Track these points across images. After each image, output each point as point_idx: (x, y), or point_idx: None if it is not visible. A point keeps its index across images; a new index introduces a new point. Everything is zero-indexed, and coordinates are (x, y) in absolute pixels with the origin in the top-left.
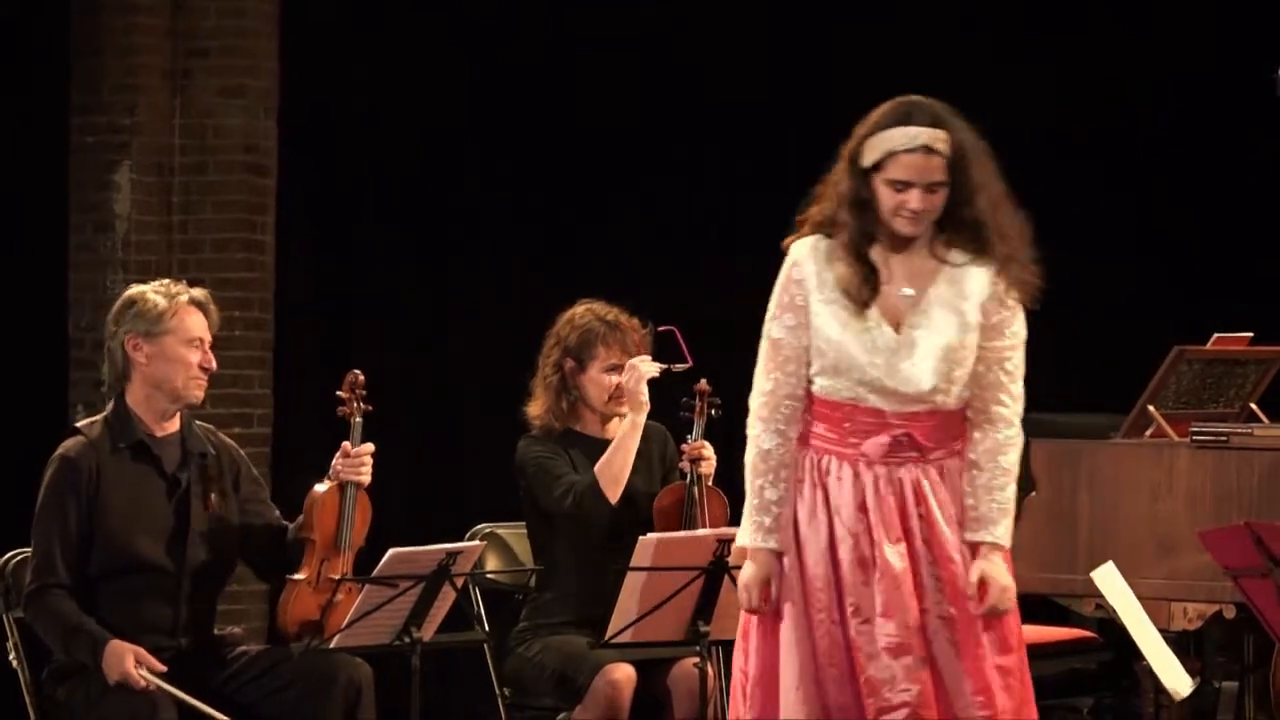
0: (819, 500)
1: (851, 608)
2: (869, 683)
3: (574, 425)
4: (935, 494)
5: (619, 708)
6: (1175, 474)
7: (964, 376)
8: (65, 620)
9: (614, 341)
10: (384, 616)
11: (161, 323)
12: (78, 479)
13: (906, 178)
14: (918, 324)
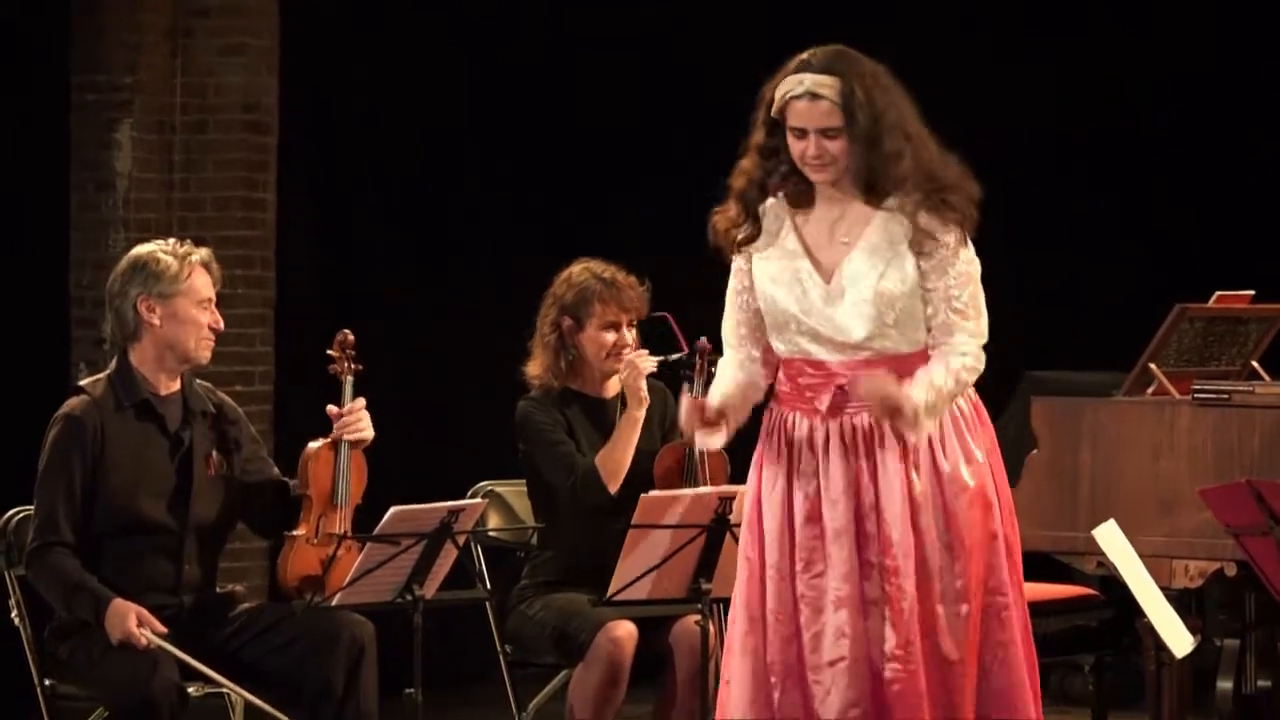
0: (781, 459)
1: (801, 563)
2: (815, 637)
3: (572, 384)
4: (885, 446)
5: (620, 665)
6: (1177, 432)
7: (906, 320)
8: (68, 578)
9: (611, 299)
10: (386, 574)
11: (175, 284)
12: (82, 437)
13: (800, 124)
14: (848, 272)
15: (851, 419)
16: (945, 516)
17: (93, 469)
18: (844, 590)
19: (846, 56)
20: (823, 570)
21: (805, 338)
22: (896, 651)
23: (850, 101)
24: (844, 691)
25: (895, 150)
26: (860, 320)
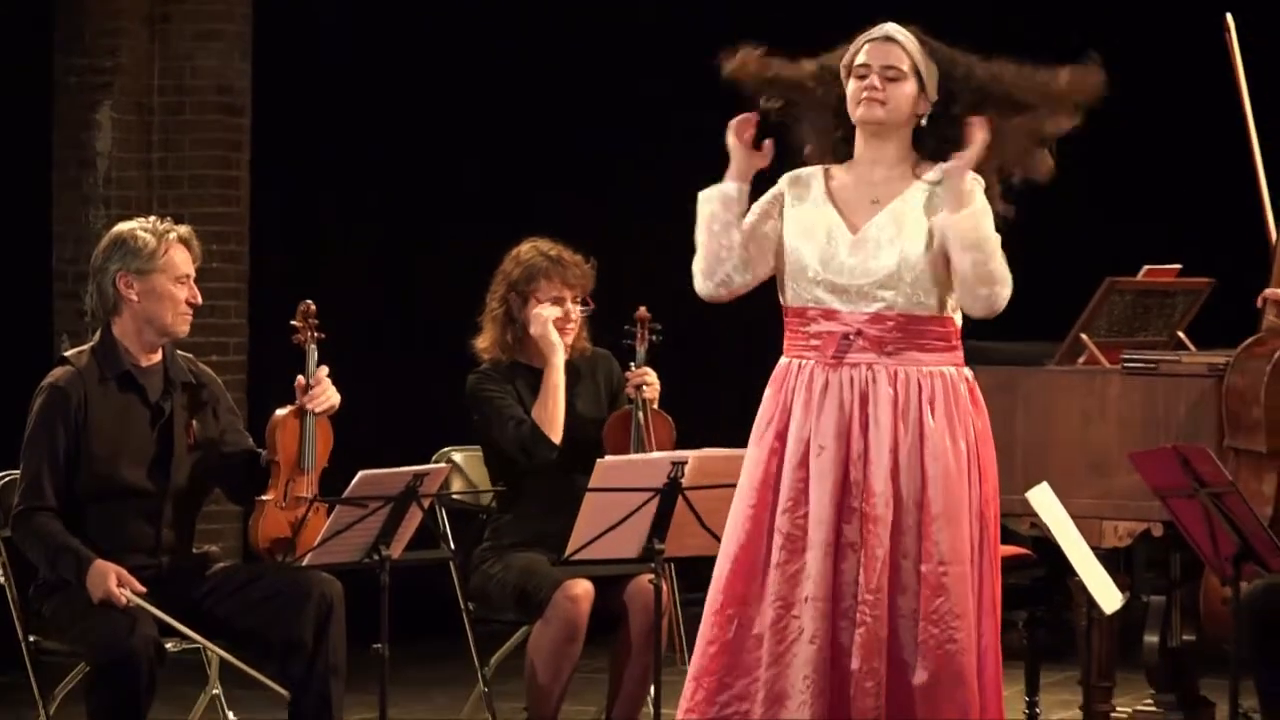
0: (779, 407)
1: (789, 502)
2: (795, 574)
3: (520, 357)
4: (878, 395)
5: (577, 621)
6: (1107, 399)
7: (923, 281)
8: (52, 540)
9: (556, 276)
10: (354, 535)
11: (152, 261)
12: (66, 407)
13: (866, 60)
14: (873, 229)
15: (851, 370)
16: (921, 478)
17: (76, 436)
18: (821, 533)
19: (925, 34)
20: (806, 512)
21: (822, 288)
22: (866, 596)
23: (922, 55)
24: (813, 628)
25: (961, 114)
26: (878, 269)
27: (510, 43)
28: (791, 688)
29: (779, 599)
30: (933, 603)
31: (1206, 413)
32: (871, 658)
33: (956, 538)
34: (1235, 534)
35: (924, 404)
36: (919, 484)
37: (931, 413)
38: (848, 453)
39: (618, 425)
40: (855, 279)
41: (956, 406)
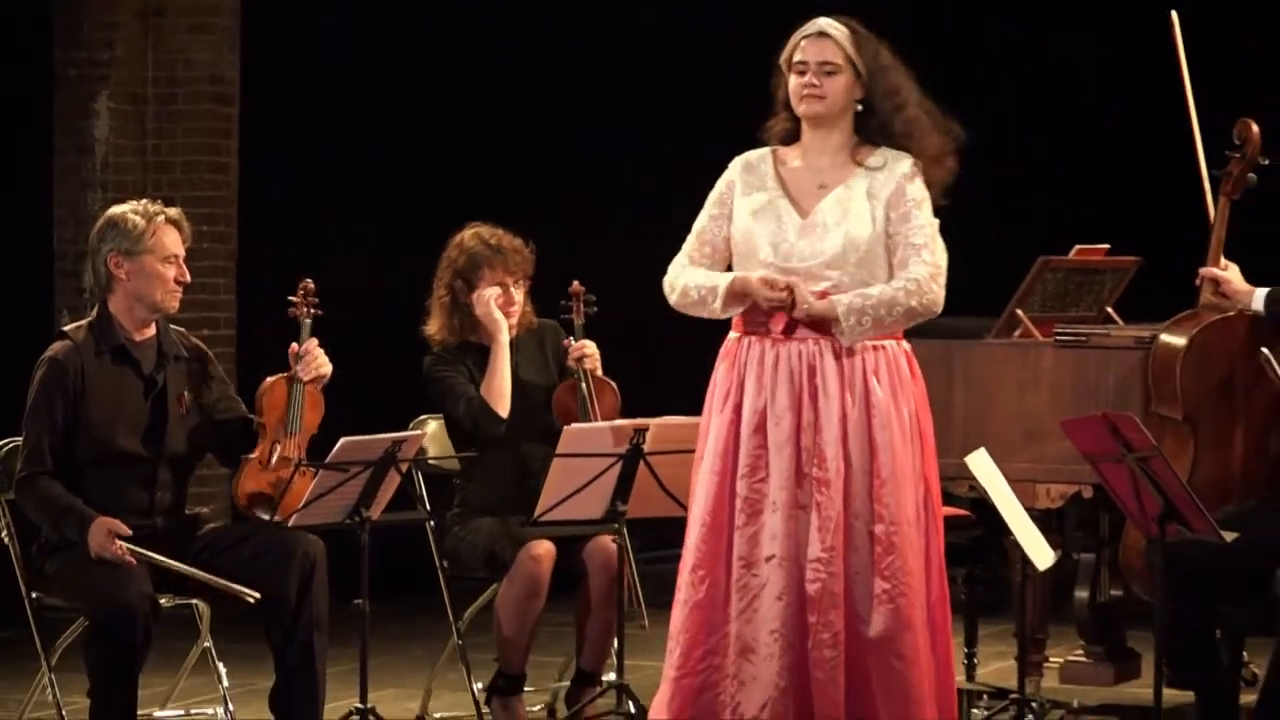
0: (734, 381)
1: (746, 468)
2: (754, 536)
3: (470, 337)
4: (826, 369)
5: (539, 579)
6: (1040, 370)
7: (868, 261)
8: (54, 502)
9: (498, 263)
10: (337, 498)
11: (141, 242)
12: (65, 378)
13: (802, 58)
14: (821, 212)
15: (799, 345)
16: (870, 444)
17: (74, 406)
18: (782, 496)
19: (862, 28)
20: (764, 477)
21: (772, 269)
22: (821, 555)
23: (855, 46)
24: (777, 583)
25: (895, 107)
26: (824, 251)
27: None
28: (757, 641)
29: (741, 559)
30: (884, 560)
31: (1133, 382)
32: (828, 611)
33: (903, 500)
34: (1160, 496)
35: (869, 376)
36: (868, 450)
37: (878, 384)
38: (799, 422)
39: (566, 395)
40: (804, 260)
41: (899, 378)
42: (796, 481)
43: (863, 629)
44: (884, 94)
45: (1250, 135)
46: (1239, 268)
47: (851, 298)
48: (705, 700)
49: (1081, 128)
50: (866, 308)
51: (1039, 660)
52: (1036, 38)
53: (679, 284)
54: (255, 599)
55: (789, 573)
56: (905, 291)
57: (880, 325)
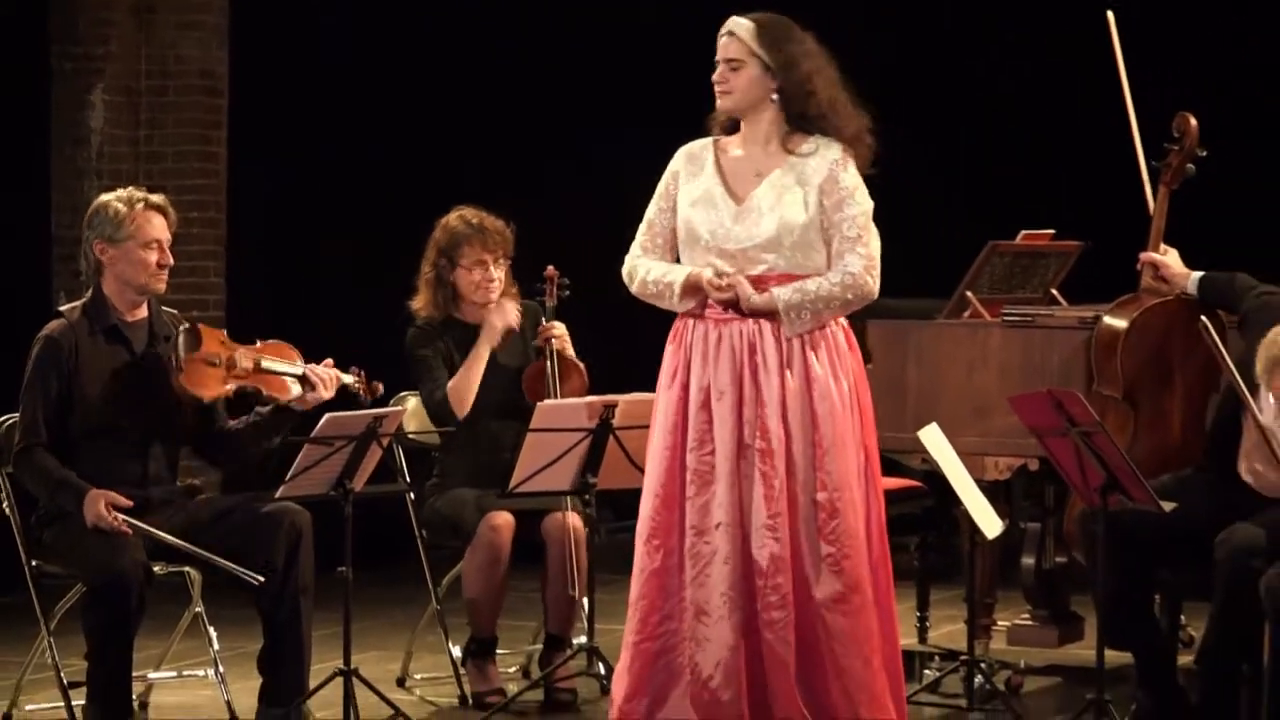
0: (681, 360)
1: (694, 442)
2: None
3: (452, 313)
4: (766, 347)
5: (499, 547)
6: (989, 349)
7: (801, 245)
8: (51, 475)
9: (478, 242)
10: (322, 471)
11: (123, 229)
12: (59, 355)
13: (717, 56)
14: (756, 199)
15: (740, 324)
16: (811, 415)
17: (68, 382)
18: (726, 467)
19: (775, 16)
20: (711, 450)
21: (712, 254)
22: (768, 521)
23: (759, 41)
24: (724, 549)
25: (805, 94)
26: (761, 239)
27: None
28: (709, 604)
29: (692, 527)
30: (829, 525)
31: (1077, 361)
32: (777, 575)
33: (844, 467)
34: (1102, 468)
35: (807, 351)
36: (809, 421)
37: (816, 359)
38: (741, 396)
39: (535, 375)
40: (740, 244)
41: (837, 351)
42: (740, 452)
43: (811, 590)
44: (796, 83)
45: (1188, 128)
46: (1178, 253)
47: (790, 294)
48: (664, 663)
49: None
50: (805, 303)
51: (987, 623)
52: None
53: (637, 275)
54: (259, 581)
55: (734, 538)
56: (841, 285)
57: (819, 317)
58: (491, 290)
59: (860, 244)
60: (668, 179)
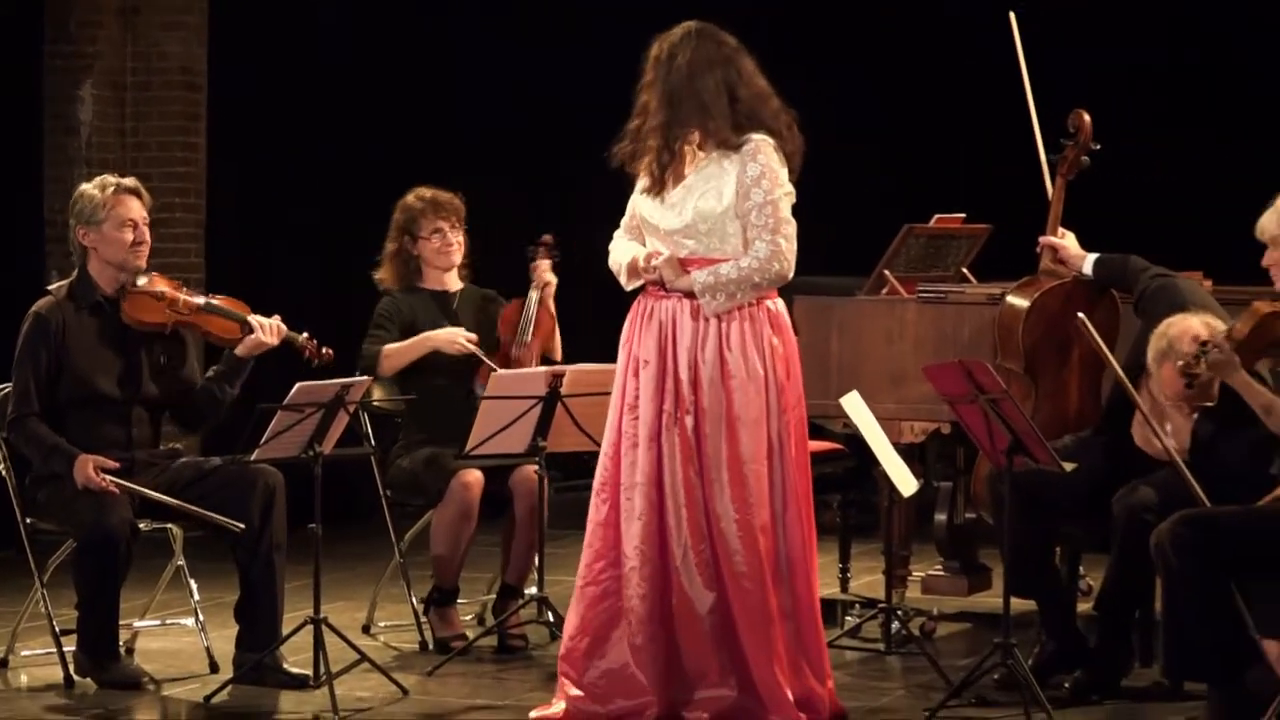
0: (631, 331)
1: (628, 407)
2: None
3: (416, 282)
4: (682, 322)
5: (470, 504)
6: (905, 323)
7: (717, 232)
8: (43, 441)
9: (432, 213)
10: (293, 435)
11: (99, 213)
12: (48, 330)
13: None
14: (679, 192)
15: (666, 301)
16: (725, 390)
17: (56, 354)
18: (646, 431)
19: (683, 32)
20: (638, 415)
21: (655, 239)
22: (684, 485)
23: (656, 69)
24: (639, 506)
25: (696, 107)
26: (680, 221)
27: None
28: (626, 556)
29: (622, 484)
30: (738, 493)
31: (985, 334)
32: (693, 536)
33: (756, 440)
34: (1008, 432)
35: (723, 329)
36: (723, 395)
37: (729, 337)
38: (664, 368)
39: (513, 311)
40: (668, 229)
41: (753, 328)
42: (658, 417)
43: (724, 551)
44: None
45: (1083, 124)
46: (1075, 236)
47: (705, 276)
48: (605, 606)
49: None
50: (718, 285)
51: (903, 574)
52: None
53: (611, 258)
54: (239, 529)
55: (648, 496)
56: (751, 269)
57: (732, 298)
58: (453, 253)
59: (768, 230)
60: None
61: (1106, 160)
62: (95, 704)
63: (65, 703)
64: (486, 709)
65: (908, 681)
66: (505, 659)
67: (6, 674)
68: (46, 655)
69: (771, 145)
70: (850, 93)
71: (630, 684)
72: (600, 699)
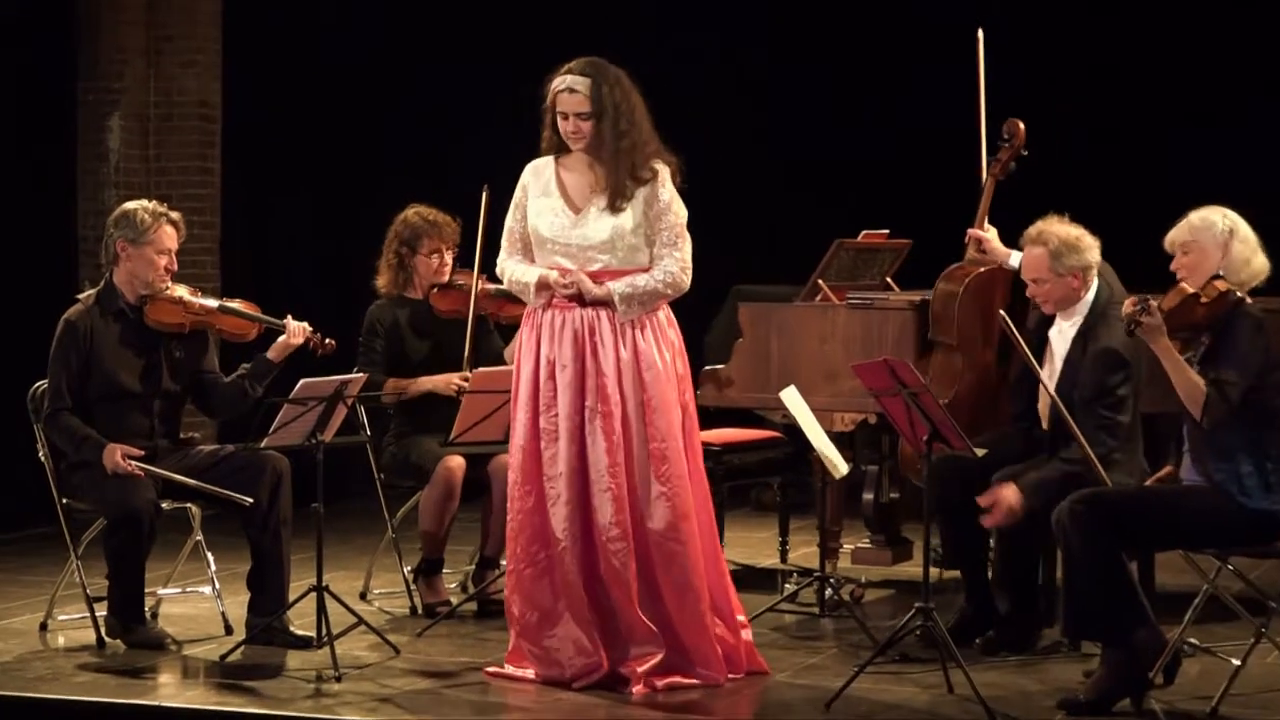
0: (535, 340)
1: (544, 406)
2: (552, 457)
3: (407, 292)
4: (602, 328)
5: (453, 484)
6: (836, 326)
7: (631, 249)
8: (75, 433)
9: (434, 234)
10: (298, 425)
11: (144, 235)
12: (77, 334)
13: (562, 109)
14: (593, 210)
15: (581, 310)
16: (640, 381)
17: (85, 355)
18: (567, 425)
19: (598, 64)
20: (555, 412)
21: (557, 254)
22: (610, 469)
23: (598, 96)
24: (564, 493)
25: (625, 132)
26: (597, 242)
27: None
28: (553, 536)
29: (545, 475)
30: (660, 468)
31: (906, 336)
32: (618, 512)
33: (669, 422)
34: (928, 422)
35: (636, 331)
36: (639, 386)
37: (642, 337)
38: (584, 369)
39: None
40: (580, 245)
41: (659, 331)
42: (579, 414)
43: (647, 523)
44: (612, 129)
45: (1017, 131)
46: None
47: (624, 288)
48: (545, 583)
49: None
50: (635, 295)
51: (835, 547)
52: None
53: (505, 274)
54: (249, 503)
55: (572, 483)
56: (662, 283)
57: (644, 306)
58: (444, 271)
59: (675, 249)
60: (519, 193)
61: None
62: (124, 662)
63: (97, 661)
64: (469, 666)
65: (839, 641)
66: (484, 621)
67: (46, 636)
68: (81, 619)
69: (669, 172)
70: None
71: (579, 647)
72: (558, 664)
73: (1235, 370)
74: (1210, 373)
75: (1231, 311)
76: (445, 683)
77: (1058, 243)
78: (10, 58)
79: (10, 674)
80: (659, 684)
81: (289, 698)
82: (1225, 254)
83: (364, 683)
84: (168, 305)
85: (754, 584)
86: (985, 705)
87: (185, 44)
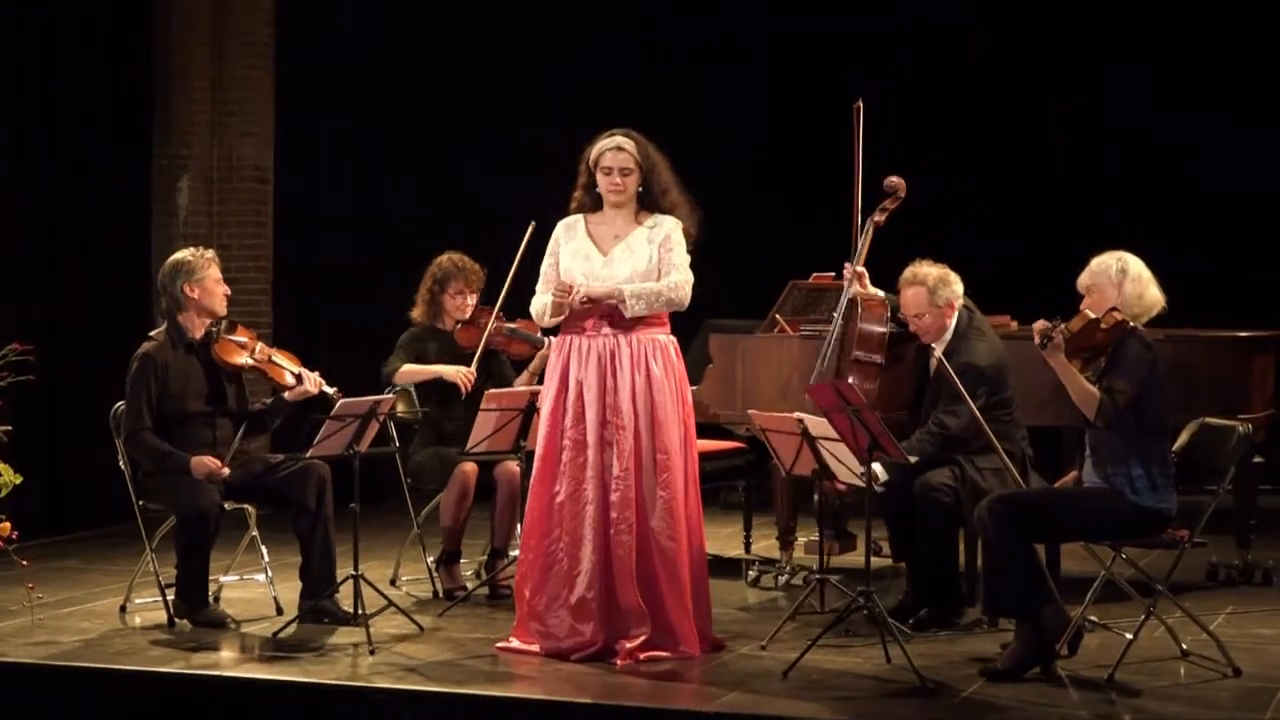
0: (564, 362)
1: (572, 419)
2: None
3: (436, 324)
4: (622, 354)
5: (467, 486)
6: (792, 354)
7: (645, 281)
8: (156, 450)
9: (461, 278)
10: (338, 439)
11: (200, 271)
12: (152, 365)
13: (608, 164)
14: (617, 253)
15: (604, 338)
16: (651, 402)
17: (160, 382)
18: (592, 437)
19: (636, 135)
20: (584, 426)
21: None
22: (619, 474)
23: (645, 154)
24: (590, 491)
25: (663, 190)
26: (620, 279)
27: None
28: (581, 534)
29: (572, 479)
30: (662, 476)
31: None
32: (626, 509)
33: (672, 437)
34: (868, 434)
35: (649, 358)
36: (650, 406)
37: (655, 364)
38: (604, 388)
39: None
40: (607, 283)
41: (668, 359)
42: (602, 426)
43: (648, 521)
44: (657, 183)
45: (898, 185)
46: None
47: (634, 286)
48: (555, 570)
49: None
50: (642, 294)
51: (791, 540)
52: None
53: (534, 308)
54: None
55: (596, 487)
56: (668, 289)
57: (650, 307)
58: (466, 309)
59: (679, 271)
60: (552, 243)
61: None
62: (190, 639)
63: (168, 638)
64: (482, 640)
65: (795, 620)
66: (495, 603)
67: (124, 616)
68: (154, 602)
69: (680, 226)
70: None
71: (580, 626)
72: (561, 639)
73: (1124, 380)
74: (1104, 382)
75: (1125, 336)
76: (462, 654)
77: (934, 280)
78: (100, 129)
79: (95, 648)
80: (641, 655)
81: (330, 667)
82: (1119, 291)
83: (394, 655)
84: (233, 346)
85: (722, 571)
86: (917, 672)
87: (244, 118)
